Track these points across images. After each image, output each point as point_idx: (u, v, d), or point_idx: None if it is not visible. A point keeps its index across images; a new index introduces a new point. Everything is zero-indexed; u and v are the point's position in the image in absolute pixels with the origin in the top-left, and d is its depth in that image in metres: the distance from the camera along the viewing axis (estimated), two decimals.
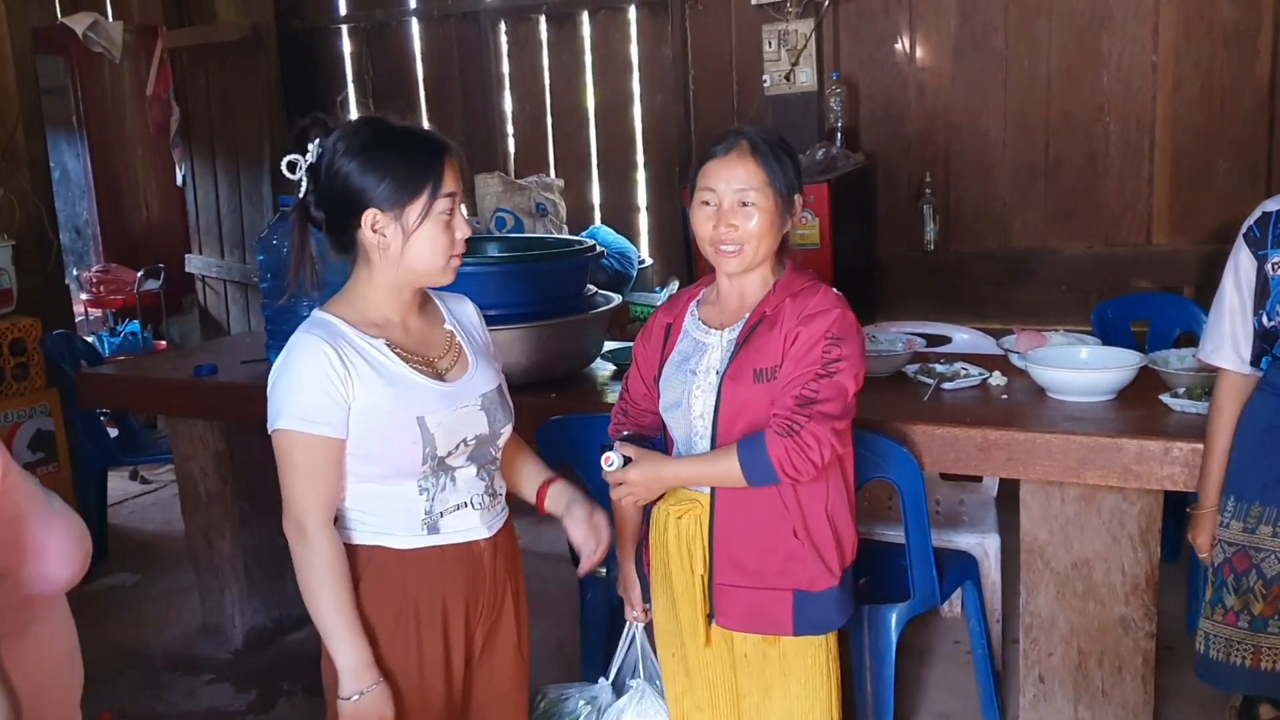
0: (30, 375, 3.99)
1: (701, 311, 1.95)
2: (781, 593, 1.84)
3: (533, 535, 4.07)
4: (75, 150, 7.05)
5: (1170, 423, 2.16)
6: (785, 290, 1.84)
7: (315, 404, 1.61)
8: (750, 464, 1.74)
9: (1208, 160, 4.04)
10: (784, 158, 1.83)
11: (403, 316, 1.74)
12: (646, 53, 4.99)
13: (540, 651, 3.09)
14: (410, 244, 1.66)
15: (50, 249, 4.65)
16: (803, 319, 1.78)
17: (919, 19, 4.40)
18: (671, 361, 1.92)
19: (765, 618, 1.86)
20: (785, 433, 1.72)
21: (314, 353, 1.63)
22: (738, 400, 1.80)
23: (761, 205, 1.80)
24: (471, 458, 1.74)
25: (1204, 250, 4.05)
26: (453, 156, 1.69)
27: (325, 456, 1.63)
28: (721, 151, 1.83)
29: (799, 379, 1.75)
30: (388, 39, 5.56)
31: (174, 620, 3.62)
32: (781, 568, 1.83)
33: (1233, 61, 3.94)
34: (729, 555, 1.85)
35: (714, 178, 1.83)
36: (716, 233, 1.82)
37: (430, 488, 1.70)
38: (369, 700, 1.63)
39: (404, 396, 1.66)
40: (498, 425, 1.78)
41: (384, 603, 1.69)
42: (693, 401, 1.85)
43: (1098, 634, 2.32)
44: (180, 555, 3.68)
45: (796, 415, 1.73)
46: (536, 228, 4.79)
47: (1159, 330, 3.58)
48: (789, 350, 1.77)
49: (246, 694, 3.10)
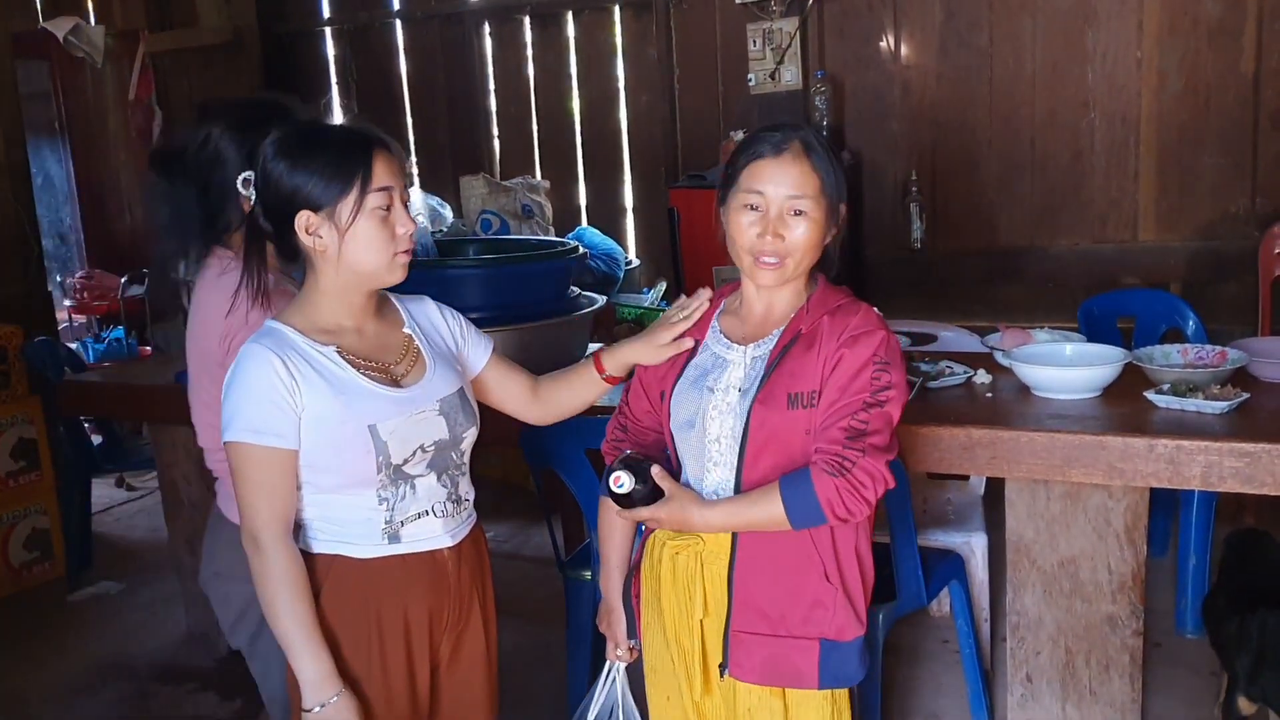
0: (11, 383, 3.95)
1: (723, 323, 1.77)
2: (807, 642, 1.66)
3: (521, 539, 4.06)
4: (58, 156, 7.00)
5: (1155, 419, 2.15)
6: (821, 306, 1.67)
7: (263, 415, 1.59)
8: (795, 507, 1.57)
9: (1193, 156, 4.05)
10: (834, 162, 1.68)
11: (356, 321, 1.71)
12: (631, 53, 4.98)
13: (527, 655, 3.09)
14: (346, 243, 1.62)
15: (31, 256, 4.62)
16: (845, 341, 1.61)
17: (903, 17, 4.40)
18: (686, 376, 1.74)
19: (785, 669, 1.67)
20: (835, 471, 1.55)
21: (261, 363, 1.60)
22: (768, 426, 1.62)
23: (813, 215, 1.64)
24: (432, 465, 1.70)
25: (1190, 246, 4.06)
26: (384, 150, 1.64)
27: (277, 468, 1.60)
28: (772, 150, 1.65)
29: (846, 408, 1.59)
30: (371, 41, 5.54)
31: (159, 629, 3.59)
32: (807, 614, 1.66)
33: (1217, 57, 3.95)
34: (749, 600, 1.67)
35: (763, 179, 1.64)
36: (761, 242, 1.64)
37: (390, 497, 1.67)
38: (332, 711, 1.61)
39: (354, 405, 1.63)
40: (459, 430, 1.73)
41: (346, 612, 1.67)
42: (708, 423, 1.68)
43: (1085, 632, 2.31)
44: (166, 563, 3.65)
45: (848, 450, 1.56)
46: (523, 229, 4.77)
47: (1145, 326, 3.58)
48: (829, 375, 1.61)
49: (231, 702, 3.08)
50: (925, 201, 4.41)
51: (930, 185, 4.43)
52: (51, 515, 4.06)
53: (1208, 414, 2.12)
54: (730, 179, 1.70)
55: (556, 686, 2.75)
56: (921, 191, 4.40)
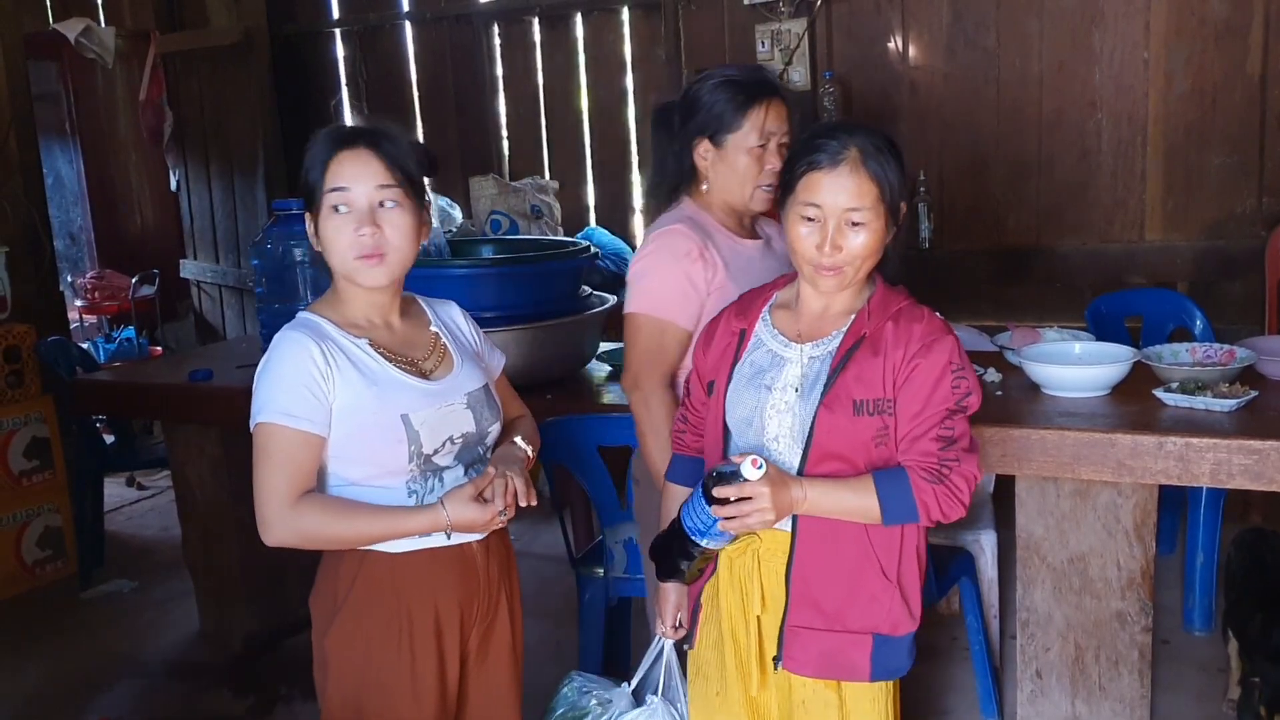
0: (25, 382, 3.98)
1: (775, 318, 1.78)
2: (860, 636, 1.69)
3: (531, 536, 4.08)
4: (69, 156, 7.04)
5: (1164, 417, 2.17)
6: (883, 311, 1.69)
7: (297, 399, 1.61)
8: (891, 504, 1.61)
9: (1200, 156, 4.05)
10: (894, 163, 1.67)
11: (384, 318, 1.75)
12: (640, 53, 4.99)
13: (539, 653, 3.10)
14: (324, 246, 1.70)
15: (44, 255, 4.65)
16: (919, 349, 1.64)
17: (911, 18, 4.41)
18: (742, 373, 1.74)
19: (841, 662, 1.70)
20: (934, 479, 1.61)
21: (298, 349, 1.63)
22: (834, 431, 1.64)
23: (871, 225, 1.65)
24: (459, 457, 1.73)
25: (1197, 246, 4.07)
26: (347, 150, 1.65)
27: (303, 451, 1.62)
28: (829, 161, 1.64)
29: (933, 417, 1.63)
30: (380, 42, 5.56)
31: (172, 626, 3.62)
32: (864, 610, 1.68)
33: (1224, 57, 3.95)
34: (807, 596, 1.69)
35: (819, 192, 1.64)
36: (819, 254, 1.65)
37: (419, 490, 1.70)
38: (447, 501, 1.63)
39: (387, 394, 1.66)
40: (485, 424, 1.78)
41: (377, 609, 1.69)
42: (766, 422, 1.69)
43: (1094, 629, 2.33)
44: (178, 561, 3.68)
45: (944, 459, 1.62)
46: (532, 230, 4.79)
47: (1153, 325, 3.59)
48: (903, 384, 1.64)
49: (245, 699, 3.10)
50: (933, 201, 4.42)
51: (938, 185, 4.44)
52: (64, 514, 4.09)
53: (1216, 411, 2.13)
54: (787, 186, 1.71)
55: None
56: (929, 191, 4.41)
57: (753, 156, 2.08)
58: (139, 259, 6.62)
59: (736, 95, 2.07)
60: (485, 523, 1.65)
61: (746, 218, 2.20)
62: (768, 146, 2.08)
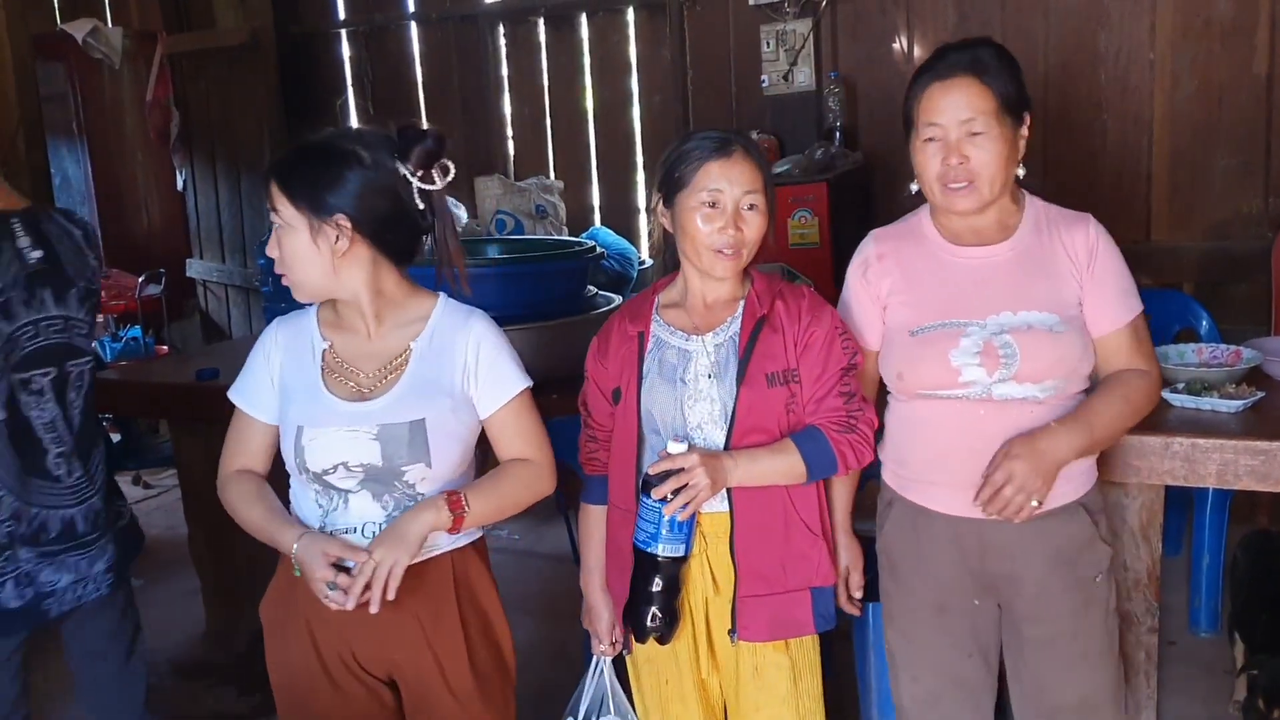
0: None
1: (666, 316, 1.85)
2: (799, 594, 1.80)
3: (535, 536, 4.09)
4: (76, 156, 7.06)
5: (1170, 418, 2.17)
6: (769, 292, 1.81)
7: (247, 382, 1.79)
8: (814, 460, 1.74)
9: (1206, 157, 4.04)
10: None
11: (365, 325, 1.73)
12: (645, 54, 4.99)
13: (543, 654, 3.11)
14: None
15: None
16: (810, 320, 1.79)
17: (916, 18, 4.41)
18: (651, 371, 1.81)
19: (787, 622, 1.80)
20: (845, 429, 1.76)
21: (266, 335, 1.80)
22: (753, 406, 1.76)
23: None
24: (364, 485, 1.66)
25: (1203, 247, 4.06)
26: (272, 175, 1.66)
27: (246, 429, 1.78)
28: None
29: (833, 377, 1.78)
30: (386, 43, 5.57)
31: (178, 624, 3.63)
32: (797, 567, 1.80)
33: (1230, 58, 3.95)
34: (751, 566, 1.78)
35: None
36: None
37: (324, 504, 1.71)
38: (304, 543, 1.64)
39: (297, 399, 1.71)
40: (397, 462, 1.64)
41: (279, 607, 1.78)
42: (687, 412, 1.78)
43: None
44: (184, 559, 3.69)
45: (850, 410, 1.77)
46: (537, 230, 4.79)
47: (1158, 326, 3.56)
48: (803, 352, 1.77)
49: (250, 698, 3.11)
50: None
51: None
52: None
53: (1223, 412, 2.13)
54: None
55: (573, 684, 2.77)
56: None
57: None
58: (145, 258, 6.64)
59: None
60: (318, 590, 1.58)
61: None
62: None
